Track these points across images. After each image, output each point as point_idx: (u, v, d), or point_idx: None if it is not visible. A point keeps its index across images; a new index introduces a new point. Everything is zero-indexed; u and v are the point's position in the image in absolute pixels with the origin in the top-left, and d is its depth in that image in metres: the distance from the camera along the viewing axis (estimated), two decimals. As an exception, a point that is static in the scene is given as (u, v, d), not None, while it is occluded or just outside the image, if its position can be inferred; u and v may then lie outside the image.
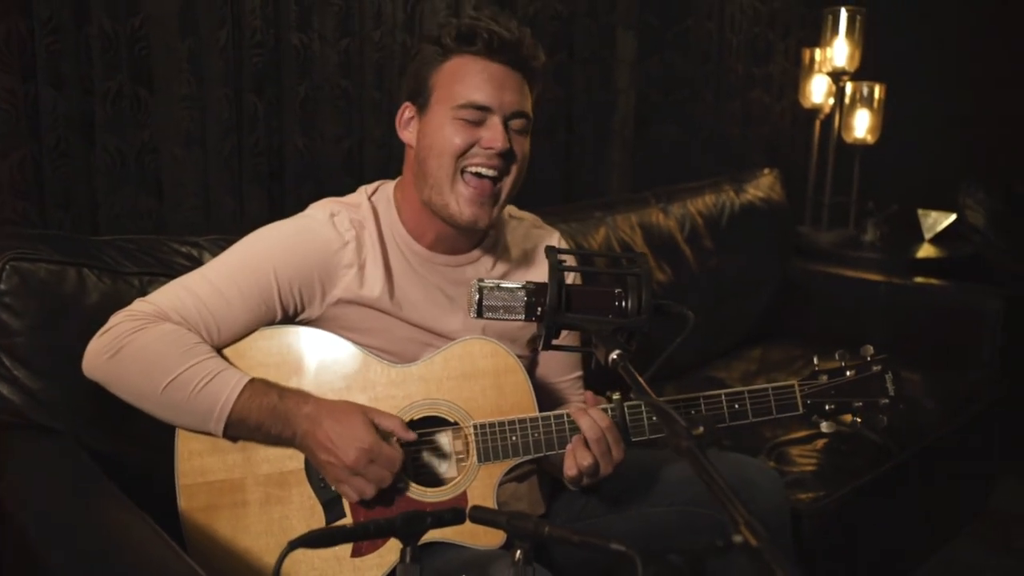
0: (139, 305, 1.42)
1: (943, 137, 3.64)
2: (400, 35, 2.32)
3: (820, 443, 2.16)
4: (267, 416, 1.36)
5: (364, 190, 1.59)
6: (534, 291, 1.16)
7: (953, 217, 3.50)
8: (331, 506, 1.42)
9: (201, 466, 1.40)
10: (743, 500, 0.78)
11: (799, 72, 3.60)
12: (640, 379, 0.96)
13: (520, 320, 1.17)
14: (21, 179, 1.81)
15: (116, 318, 1.41)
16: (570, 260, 1.40)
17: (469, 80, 1.43)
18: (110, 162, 1.93)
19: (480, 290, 1.18)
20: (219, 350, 1.42)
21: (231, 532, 1.39)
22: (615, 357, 1.02)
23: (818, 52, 3.44)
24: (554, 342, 1.22)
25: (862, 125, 3.45)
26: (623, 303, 1.14)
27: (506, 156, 1.44)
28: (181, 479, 1.40)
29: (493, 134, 1.43)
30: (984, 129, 3.60)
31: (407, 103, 1.53)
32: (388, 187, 1.59)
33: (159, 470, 1.41)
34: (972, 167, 3.61)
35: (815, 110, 3.56)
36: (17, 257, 1.50)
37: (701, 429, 0.86)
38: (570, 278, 1.57)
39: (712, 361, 2.76)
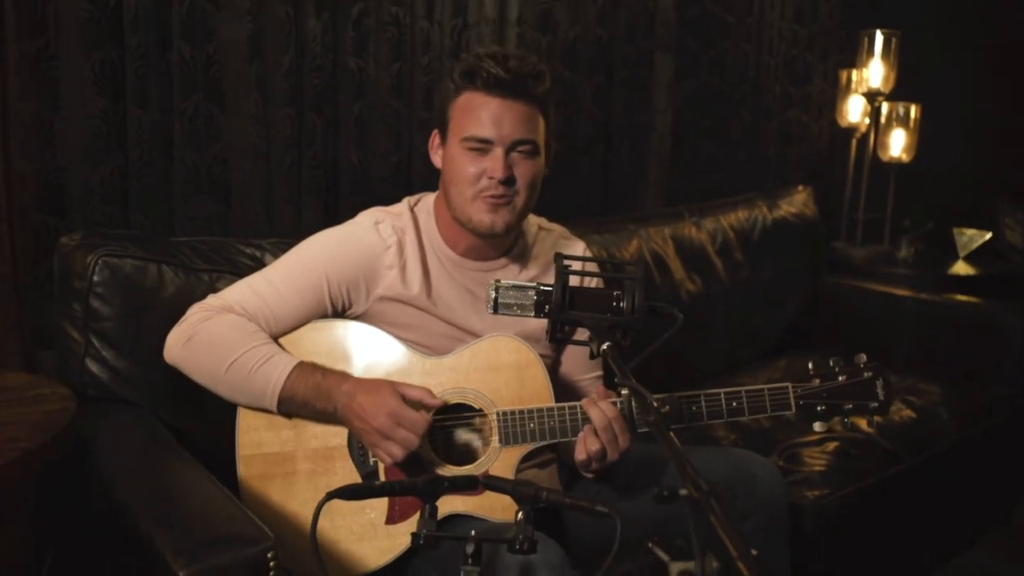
0: (210, 300, 1.65)
1: (979, 156, 3.70)
2: (447, 60, 2.51)
3: (831, 446, 2.27)
4: (312, 393, 1.56)
5: (407, 201, 1.79)
6: (543, 291, 1.34)
7: (989, 235, 3.54)
8: (369, 479, 1.61)
9: (258, 439, 1.61)
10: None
11: (836, 92, 3.71)
12: (623, 367, 1.13)
13: (530, 316, 1.35)
14: (110, 187, 2.05)
15: (190, 311, 1.64)
16: (577, 266, 1.57)
17: (472, 115, 1.62)
18: (186, 173, 2.16)
19: (496, 289, 1.36)
20: (276, 339, 1.63)
21: (282, 498, 1.60)
22: (605, 348, 1.20)
23: (854, 73, 3.54)
24: (564, 337, 1.40)
25: (897, 144, 3.54)
26: (619, 303, 1.32)
27: (508, 182, 1.62)
28: (240, 450, 1.61)
29: (494, 164, 1.61)
30: (1020, 148, 3.64)
31: (435, 130, 1.72)
32: (429, 199, 1.79)
33: (221, 443, 1.62)
34: (1008, 186, 3.66)
35: (852, 129, 3.66)
36: (107, 254, 1.74)
37: (667, 408, 1.03)
38: (582, 282, 1.75)
39: (739, 368, 2.87)
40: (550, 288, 1.33)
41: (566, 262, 1.34)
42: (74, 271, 1.73)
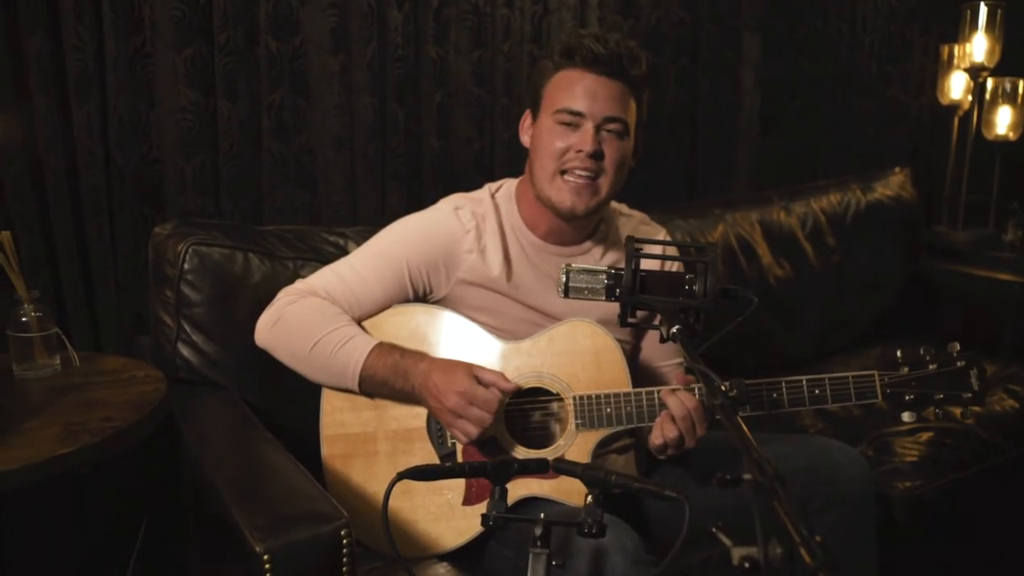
0: (297, 285, 1.71)
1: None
2: (527, 47, 2.52)
3: (924, 436, 2.18)
4: (391, 372, 1.59)
5: (489, 187, 1.80)
6: (614, 275, 1.33)
7: (1103, 217, 3.36)
8: (447, 459, 1.64)
9: (341, 420, 1.66)
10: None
11: (937, 69, 3.55)
12: (693, 350, 1.12)
13: (601, 300, 1.34)
14: (201, 178, 2.14)
15: (278, 296, 1.70)
16: (655, 250, 1.55)
17: (567, 89, 1.63)
18: (273, 163, 2.23)
19: (567, 273, 1.36)
20: (359, 322, 1.67)
21: (363, 477, 1.64)
22: (674, 331, 1.19)
23: (956, 48, 3.38)
24: (636, 321, 1.39)
25: (1003, 121, 3.37)
26: (692, 287, 1.30)
27: (596, 156, 1.62)
28: (324, 430, 1.66)
29: (583, 138, 1.61)
30: None
31: (527, 111, 1.74)
32: (511, 184, 1.80)
33: (305, 424, 1.67)
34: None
35: (954, 107, 3.50)
36: (197, 243, 1.81)
37: (735, 392, 1.01)
38: (662, 266, 1.73)
39: (831, 356, 2.78)
40: (621, 272, 1.32)
41: (637, 245, 1.33)
42: (166, 259, 1.81)
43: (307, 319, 1.63)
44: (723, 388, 1.04)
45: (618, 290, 1.32)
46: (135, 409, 1.47)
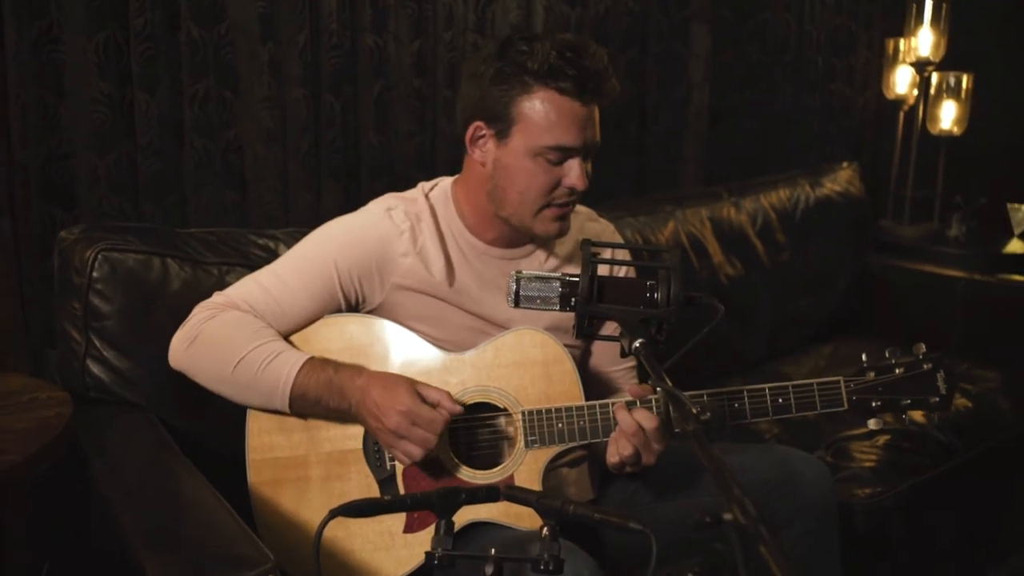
0: (215, 298, 1.55)
1: (1036, 128, 3.51)
2: (471, 36, 2.39)
3: (882, 440, 2.14)
4: (324, 389, 1.46)
5: (422, 186, 1.67)
6: (569, 283, 1.22)
7: (1046, 211, 3.37)
8: (386, 484, 1.51)
9: (269, 443, 1.52)
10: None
11: (883, 62, 3.52)
12: (657, 367, 1.02)
13: (555, 310, 1.23)
14: (118, 176, 1.97)
15: (193, 311, 1.54)
16: (606, 253, 1.45)
17: (560, 123, 1.46)
18: (198, 159, 2.07)
19: (518, 280, 1.25)
20: (286, 336, 1.53)
21: (294, 505, 1.50)
22: (637, 345, 1.08)
23: (902, 42, 3.36)
24: (593, 332, 1.28)
25: (948, 116, 3.35)
26: (653, 294, 1.19)
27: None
28: (250, 454, 1.52)
29: (578, 175, 1.49)
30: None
31: (479, 122, 1.53)
32: (446, 183, 1.67)
33: (229, 446, 1.53)
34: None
35: (899, 101, 3.48)
36: (108, 248, 1.65)
37: (708, 415, 0.91)
38: (613, 270, 1.62)
39: (782, 356, 2.75)
40: (577, 279, 1.21)
41: (594, 250, 1.22)
42: (73, 267, 1.64)
43: (227, 336, 1.48)
44: (695, 412, 0.93)
45: (574, 299, 1.21)
46: (35, 437, 1.32)
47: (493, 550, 1.06)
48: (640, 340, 1.09)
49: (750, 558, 0.79)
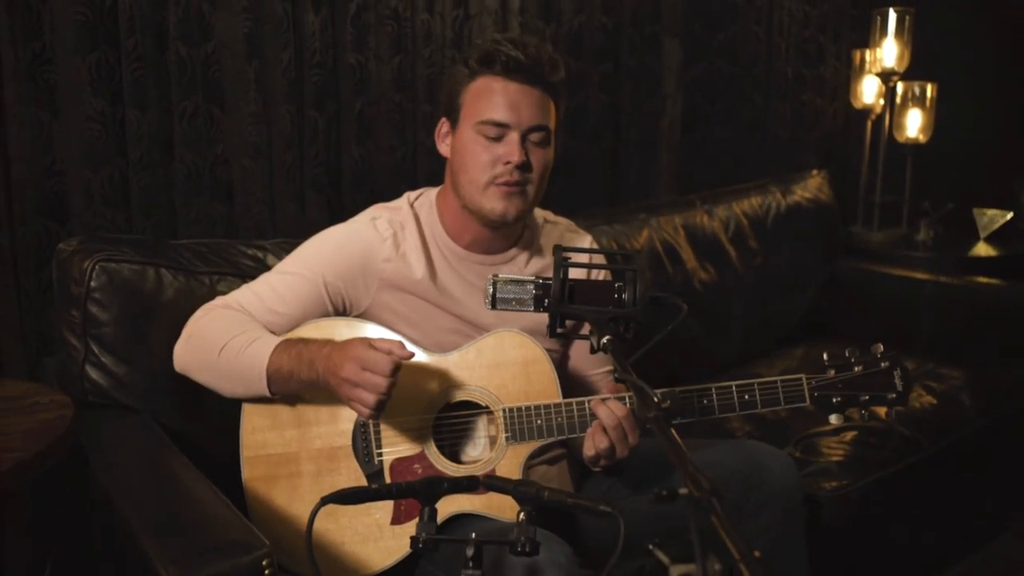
0: (212, 301, 1.65)
1: (997, 134, 3.62)
2: (449, 51, 2.48)
3: (849, 436, 2.22)
4: (296, 363, 1.52)
5: (407, 195, 1.76)
6: (542, 285, 1.30)
7: (1010, 215, 3.46)
8: (375, 478, 1.59)
9: (262, 440, 1.59)
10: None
11: (850, 73, 3.64)
12: (623, 361, 1.10)
13: (530, 311, 1.31)
14: (110, 190, 2.03)
15: (193, 315, 1.63)
16: (581, 258, 1.53)
17: (489, 99, 1.59)
18: (187, 173, 2.14)
19: (494, 283, 1.33)
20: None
21: (287, 500, 1.58)
22: (604, 342, 1.16)
23: (868, 53, 3.47)
24: (566, 331, 1.36)
25: (914, 124, 3.47)
26: (621, 295, 1.28)
27: (524, 167, 1.59)
28: (244, 451, 1.59)
29: (510, 149, 1.58)
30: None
31: (443, 119, 1.69)
32: (431, 193, 1.76)
33: (224, 446, 1.60)
34: (1028, 164, 3.58)
35: (866, 110, 3.59)
36: (105, 259, 1.72)
37: (668, 403, 0.99)
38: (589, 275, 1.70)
39: (755, 359, 2.82)
40: (549, 281, 1.30)
41: (565, 254, 1.30)
42: (72, 277, 1.71)
43: (216, 328, 1.59)
44: (656, 400, 1.01)
45: (546, 300, 1.29)
46: (38, 438, 1.38)
47: (474, 534, 1.13)
48: (608, 337, 1.17)
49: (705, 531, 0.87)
